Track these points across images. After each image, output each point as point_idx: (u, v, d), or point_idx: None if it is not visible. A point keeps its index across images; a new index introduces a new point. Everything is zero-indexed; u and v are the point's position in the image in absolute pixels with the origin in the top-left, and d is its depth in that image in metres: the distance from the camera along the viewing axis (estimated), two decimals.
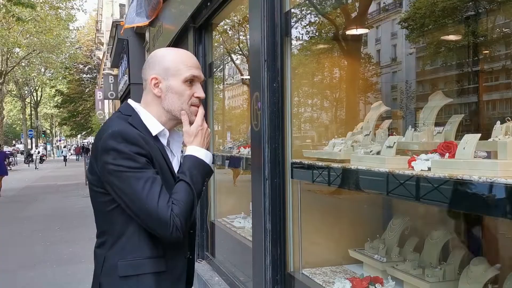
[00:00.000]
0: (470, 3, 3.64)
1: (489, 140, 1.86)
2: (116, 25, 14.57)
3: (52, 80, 39.72)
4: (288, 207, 3.31)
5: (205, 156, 1.73)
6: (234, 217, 5.23)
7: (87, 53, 48.10)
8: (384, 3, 4.82)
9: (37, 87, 45.35)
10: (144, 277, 1.63)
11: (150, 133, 1.69)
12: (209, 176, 1.74)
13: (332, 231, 3.52)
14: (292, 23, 3.54)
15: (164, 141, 1.74)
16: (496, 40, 3.60)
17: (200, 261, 5.50)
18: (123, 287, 1.64)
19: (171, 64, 1.71)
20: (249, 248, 3.77)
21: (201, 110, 1.79)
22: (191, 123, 1.78)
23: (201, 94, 1.77)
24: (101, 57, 37.96)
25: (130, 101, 1.78)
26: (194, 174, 1.66)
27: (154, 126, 1.71)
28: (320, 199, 3.69)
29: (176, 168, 1.79)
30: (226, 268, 4.79)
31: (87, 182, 1.80)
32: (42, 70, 37.93)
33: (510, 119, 1.89)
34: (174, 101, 1.72)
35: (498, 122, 1.92)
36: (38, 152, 36.48)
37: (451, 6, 3.74)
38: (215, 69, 6.17)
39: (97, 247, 1.73)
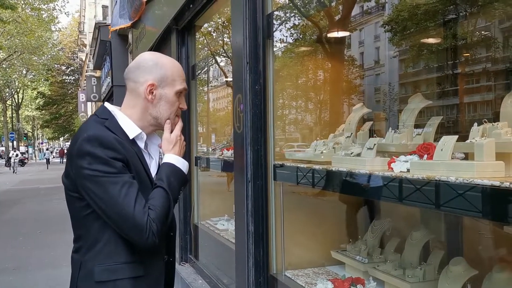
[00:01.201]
0: (451, 6, 3.69)
1: (466, 141, 1.88)
2: (99, 27, 14.47)
3: (33, 82, 39.20)
4: (270, 209, 3.31)
5: (182, 164, 1.77)
6: (217, 219, 5.21)
7: (69, 55, 47.61)
8: (367, 6, 4.86)
9: (18, 89, 44.71)
10: (121, 282, 1.62)
11: (127, 136, 1.69)
12: (185, 184, 1.76)
13: (315, 233, 3.53)
14: (275, 26, 3.55)
15: (141, 144, 1.74)
16: (476, 43, 3.66)
17: (183, 264, 5.47)
18: None
19: (169, 73, 1.73)
20: (233, 250, 3.76)
21: (180, 123, 1.85)
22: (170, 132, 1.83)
23: (185, 106, 1.85)
24: (83, 59, 37.63)
25: (106, 104, 1.77)
26: (172, 181, 1.67)
27: (131, 129, 1.71)
28: (303, 200, 3.70)
29: (154, 170, 1.79)
30: (209, 271, 4.78)
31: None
32: (24, 72, 37.41)
33: (487, 121, 1.93)
34: (165, 110, 1.75)
35: (475, 124, 1.96)
36: (17, 155, 33.90)
37: (433, 9, 3.79)
38: (199, 71, 6.16)
39: (74, 252, 1.71)
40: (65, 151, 45.61)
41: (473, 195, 1.58)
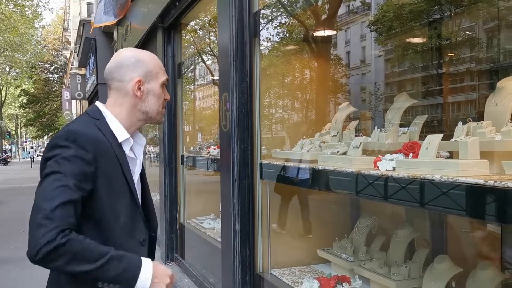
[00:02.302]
0: (436, 6, 3.72)
1: (451, 140, 1.90)
2: (83, 24, 14.30)
3: (17, 79, 38.63)
4: (257, 208, 3.30)
5: (143, 282, 1.51)
6: (203, 218, 5.20)
7: (53, 52, 47.03)
8: (353, 6, 4.88)
9: (1, 87, 44.04)
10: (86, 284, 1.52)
11: (116, 139, 1.67)
12: (117, 284, 1.49)
13: (301, 231, 3.54)
14: (262, 24, 3.55)
15: (127, 148, 1.72)
16: (460, 43, 3.69)
17: (169, 263, 5.44)
18: None
19: (152, 67, 1.75)
20: (219, 249, 3.75)
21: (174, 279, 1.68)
22: (159, 122, 1.83)
23: (168, 96, 1.84)
24: (68, 56, 37.19)
25: (98, 104, 1.76)
26: (119, 267, 1.46)
27: (121, 132, 1.70)
28: (289, 199, 3.70)
29: (138, 170, 1.79)
30: (195, 270, 4.76)
31: None
32: (7, 69, 36.85)
33: (471, 120, 1.95)
34: (154, 103, 1.76)
35: (460, 123, 1.97)
36: None
37: (418, 9, 3.81)
38: (185, 70, 6.13)
39: None
40: None
41: (458, 193, 1.59)
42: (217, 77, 4.67)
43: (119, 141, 1.68)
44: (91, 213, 1.55)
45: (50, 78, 48.97)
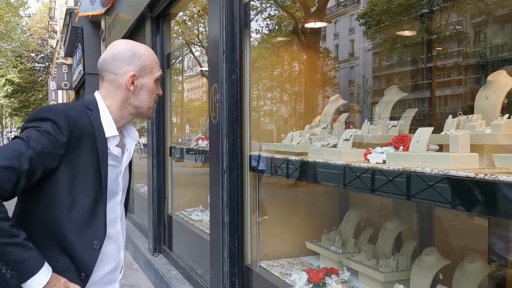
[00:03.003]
0: (425, 0, 3.73)
1: (441, 133, 1.91)
2: (70, 13, 14.08)
3: (1, 69, 38.02)
4: (246, 200, 3.30)
5: (36, 282, 1.46)
6: (192, 210, 5.18)
7: (39, 41, 46.35)
8: None
9: None
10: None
11: (103, 133, 1.65)
12: (12, 274, 1.44)
13: (290, 224, 3.54)
14: (251, 16, 3.52)
15: (112, 145, 1.69)
16: (449, 37, 3.71)
17: (157, 255, 5.42)
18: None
19: (148, 62, 1.74)
20: (207, 241, 3.74)
21: None
22: (149, 118, 1.84)
23: (161, 92, 1.85)
24: (54, 46, 36.68)
25: (97, 95, 1.73)
26: (20, 256, 1.43)
27: (110, 128, 1.68)
28: (278, 191, 3.71)
29: (127, 160, 1.79)
30: (183, 262, 4.75)
31: None
32: None
33: (461, 113, 1.95)
34: (146, 98, 1.76)
35: (450, 116, 1.98)
36: None
37: (407, 3, 3.82)
38: (173, 61, 6.08)
39: None
40: None
41: (448, 186, 1.60)
42: (206, 69, 4.64)
43: (106, 135, 1.65)
44: (46, 194, 1.54)
45: (36, 68, 48.23)
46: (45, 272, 1.48)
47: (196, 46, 7.10)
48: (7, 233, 1.41)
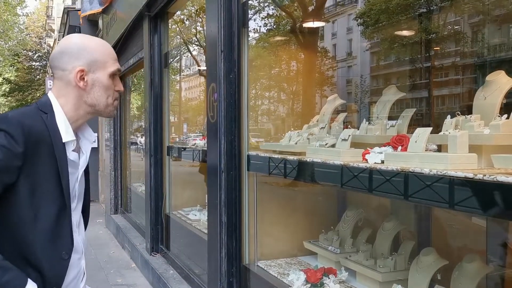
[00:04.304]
0: (422, 0, 3.73)
1: (439, 133, 1.90)
2: (67, 12, 14.05)
3: None
4: (244, 200, 3.29)
5: None
6: (189, 209, 5.17)
7: (36, 40, 46.21)
8: None
9: None
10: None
11: (60, 138, 1.54)
12: None
13: (288, 223, 3.54)
14: (250, 15, 3.52)
15: (69, 149, 1.58)
16: (446, 37, 3.70)
17: (154, 254, 5.42)
18: None
19: (99, 56, 1.60)
20: (205, 240, 3.73)
21: None
22: (110, 116, 1.73)
23: (121, 88, 1.69)
24: (51, 45, 36.57)
25: (50, 95, 1.61)
26: (4, 276, 1.38)
27: (67, 132, 1.57)
28: (276, 191, 3.70)
29: (83, 166, 1.66)
30: (181, 261, 4.74)
31: None
32: None
33: (460, 113, 1.95)
34: (101, 95, 1.62)
35: (449, 116, 1.98)
36: None
37: (405, 2, 3.82)
38: (171, 60, 6.06)
39: None
40: None
41: (446, 187, 1.60)
42: (204, 68, 4.63)
43: (63, 141, 1.54)
44: (5, 210, 1.44)
45: (33, 66, 48.09)
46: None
47: (194, 45, 7.09)
48: None
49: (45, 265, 1.48)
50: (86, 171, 1.73)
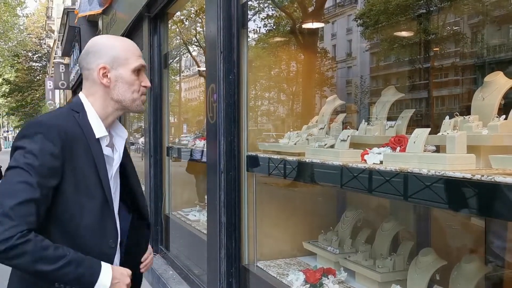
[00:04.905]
0: (422, 1, 3.73)
1: (438, 134, 1.91)
2: (67, 12, 14.07)
3: None
4: (243, 200, 3.30)
5: (102, 287, 1.50)
6: (189, 210, 5.18)
7: (36, 41, 46.20)
8: None
9: None
10: (41, 283, 1.50)
11: (93, 134, 1.60)
12: (77, 286, 1.49)
13: (287, 224, 3.54)
14: (249, 16, 3.52)
15: (103, 144, 1.64)
16: (446, 38, 3.71)
17: (154, 254, 5.42)
18: (19, 285, 1.56)
19: (120, 53, 1.64)
20: (204, 241, 3.74)
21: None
22: (139, 111, 1.74)
23: (148, 83, 1.73)
24: (51, 45, 36.57)
25: (81, 96, 1.68)
26: (78, 271, 1.45)
27: (99, 128, 1.62)
28: (275, 192, 3.70)
29: (117, 163, 1.71)
30: (180, 262, 4.75)
31: None
32: None
33: (458, 114, 1.96)
34: (125, 91, 1.65)
35: (447, 117, 1.98)
36: None
37: (404, 3, 3.82)
38: (171, 60, 6.07)
39: None
40: None
41: (445, 187, 1.60)
42: (203, 68, 4.63)
43: (96, 136, 1.60)
44: (55, 209, 1.49)
45: (33, 67, 48.08)
46: (106, 273, 1.51)
47: (194, 46, 7.09)
48: (54, 259, 1.40)
49: (95, 256, 1.54)
50: (126, 168, 1.78)
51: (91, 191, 1.55)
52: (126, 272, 1.59)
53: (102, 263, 1.52)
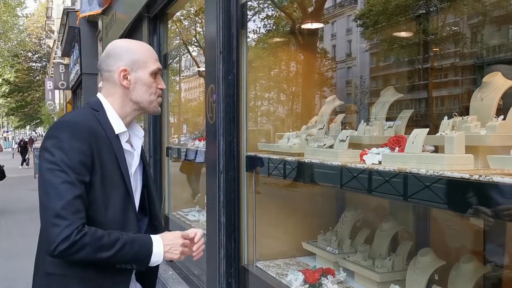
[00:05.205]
0: (422, 1, 3.73)
1: (436, 134, 1.91)
2: (67, 13, 14.07)
3: None
4: (242, 200, 3.30)
5: (157, 255, 1.63)
6: (188, 210, 5.18)
7: (36, 41, 46.20)
8: None
9: None
10: (68, 278, 1.58)
11: (113, 131, 1.67)
12: (138, 265, 1.62)
13: (286, 224, 3.55)
14: (249, 16, 3.52)
15: (123, 140, 1.71)
16: (445, 38, 3.71)
17: None
18: (47, 283, 1.61)
19: (140, 56, 1.72)
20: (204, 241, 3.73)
21: (200, 234, 1.83)
22: (155, 112, 1.80)
23: (163, 85, 1.80)
24: (51, 45, 36.57)
25: (100, 95, 1.75)
26: (134, 248, 1.56)
27: (118, 125, 1.70)
28: (275, 192, 3.71)
29: (136, 162, 1.77)
30: (180, 262, 4.74)
31: None
32: None
33: (457, 114, 1.96)
34: (143, 93, 1.73)
35: (446, 117, 1.99)
36: None
37: (404, 4, 3.82)
38: (171, 61, 6.07)
39: (39, 238, 1.68)
40: (34, 140, 44.13)
41: (443, 187, 1.60)
42: (203, 69, 4.64)
43: (116, 132, 1.68)
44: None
45: (33, 67, 48.08)
46: (157, 243, 1.62)
47: (193, 46, 7.10)
48: (111, 245, 1.51)
49: None
50: (145, 167, 1.86)
51: (115, 185, 1.62)
52: (176, 234, 1.70)
53: (152, 236, 1.63)
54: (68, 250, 1.44)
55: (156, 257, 1.61)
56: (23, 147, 26.02)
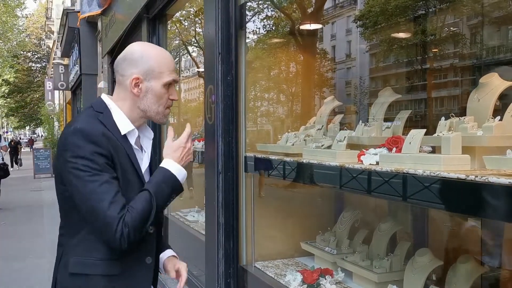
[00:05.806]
0: (421, 2, 3.74)
1: (434, 135, 1.92)
2: (67, 13, 14.06)
3: None
4: (241, 201, 3.31)
5: (178, 171, 1.70)
6: (187, 211, 5.19)
7: (36, 41, 46.18)
8: (339, 0, 4.89)
9: None
10: (94, 277, 1.60)
11: (119, 131, 1.66)
12: (177, 192, 1.70)
13: (285, 224, 3.55)
14: (248, 17, 3.53)
15: (132, 140, 1.70)
16: (445, 39, 3.72)
17: None
18: (71, 284, 1.62)
19: (155, 65, 1.67)
20: (202, 242, 3.74)
21: (188, 129, 1.78)
22: (160, 123, 1.80)
23: (176, 97, 1.76)
24: (51, 46, 36.55)
25: (103, 96, 1.73)
26: (162, 187, 1.64)
27: (124, 125, 1.68)
28: (273, 192, 3.72)
29: (146, 164, 1.77)
30: None
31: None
32: None
33: (454, 115, 1.97)
34: (152, 103, 1.70)
35: (443, 118, 2.00)
36: None
37: (403, 4, 3.83)
38: None
39: (58, 238, 1.71)
40: (34, 140, 44.02)
41: (439, 187, 1.61)
42: (203, 69, 4.64)
43: (122, 133, 1.66)
44: None
45: (32, 68, 48.06)
46: (168, 163, 1.70)
47: (193, 47, 7.11)
48: (149, 206, 1.58)
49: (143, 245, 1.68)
50: (152, 169, 1.85)
51: (132, 183, 1.65)
52: (175, 146, 1.74)
53: (161, 165, 1.70)
54: (129, 238, 1.52)
55: (181, 175, 1.69)
56: (14, 148, 25.38)
